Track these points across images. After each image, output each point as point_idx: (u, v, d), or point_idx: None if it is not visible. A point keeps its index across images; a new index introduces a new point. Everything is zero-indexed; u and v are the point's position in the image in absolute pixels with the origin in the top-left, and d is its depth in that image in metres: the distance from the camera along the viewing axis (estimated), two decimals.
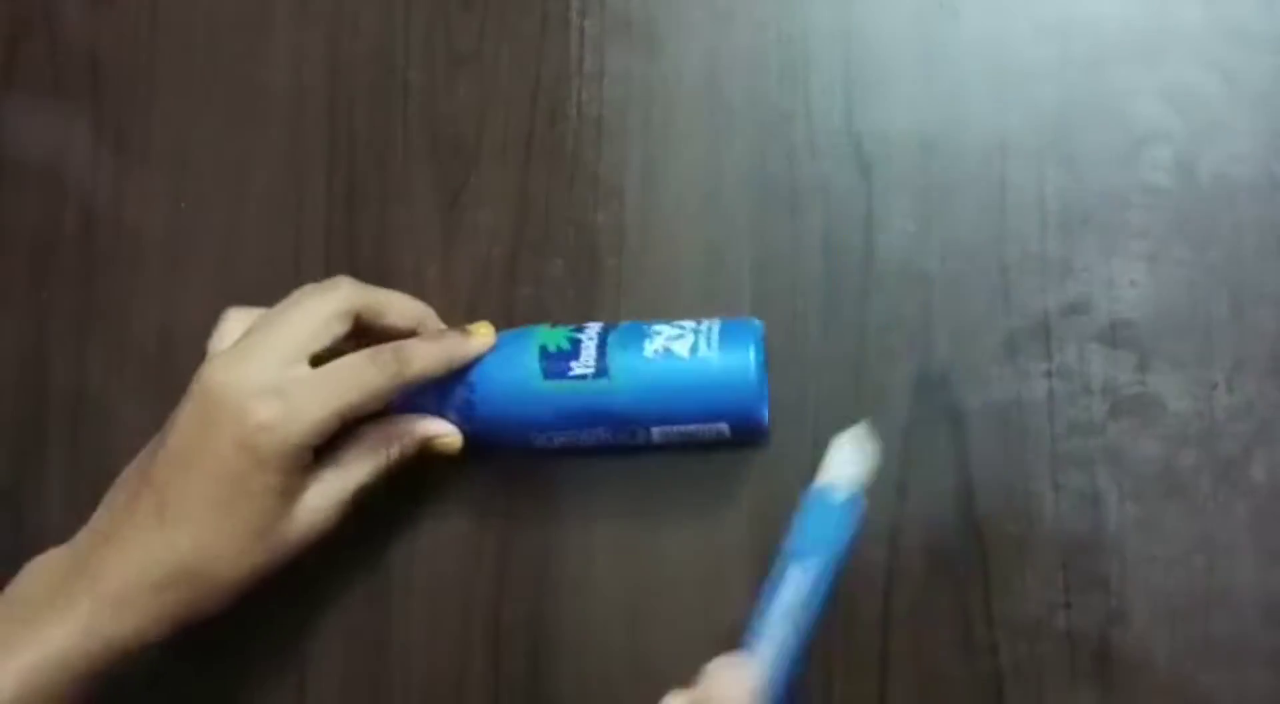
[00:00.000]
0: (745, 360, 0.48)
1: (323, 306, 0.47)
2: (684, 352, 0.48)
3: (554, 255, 0.55)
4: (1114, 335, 0.52)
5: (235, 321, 0.49)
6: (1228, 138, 0.52)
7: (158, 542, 0.45)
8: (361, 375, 0.46)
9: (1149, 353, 0.51)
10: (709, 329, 0.49)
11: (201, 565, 0.45)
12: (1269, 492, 0.50)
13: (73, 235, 0.58)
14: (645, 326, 0.50)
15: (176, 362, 0.49)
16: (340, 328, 0.48)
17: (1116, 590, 0.50)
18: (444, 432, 0.50)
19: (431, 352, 0.49)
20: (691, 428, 0.49)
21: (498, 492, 0.53)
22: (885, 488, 0.52)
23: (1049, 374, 0.52)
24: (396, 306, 0.50)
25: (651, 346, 0.49)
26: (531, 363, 0.49)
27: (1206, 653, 0.50)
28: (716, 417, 0.49)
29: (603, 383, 0.48)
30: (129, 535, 0.45)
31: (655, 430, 0.50)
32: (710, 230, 0.54)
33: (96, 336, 0.57)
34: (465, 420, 0.50)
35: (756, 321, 0.51)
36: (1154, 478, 0.51)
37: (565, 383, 0.48)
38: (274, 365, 0.45)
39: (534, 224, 0.56)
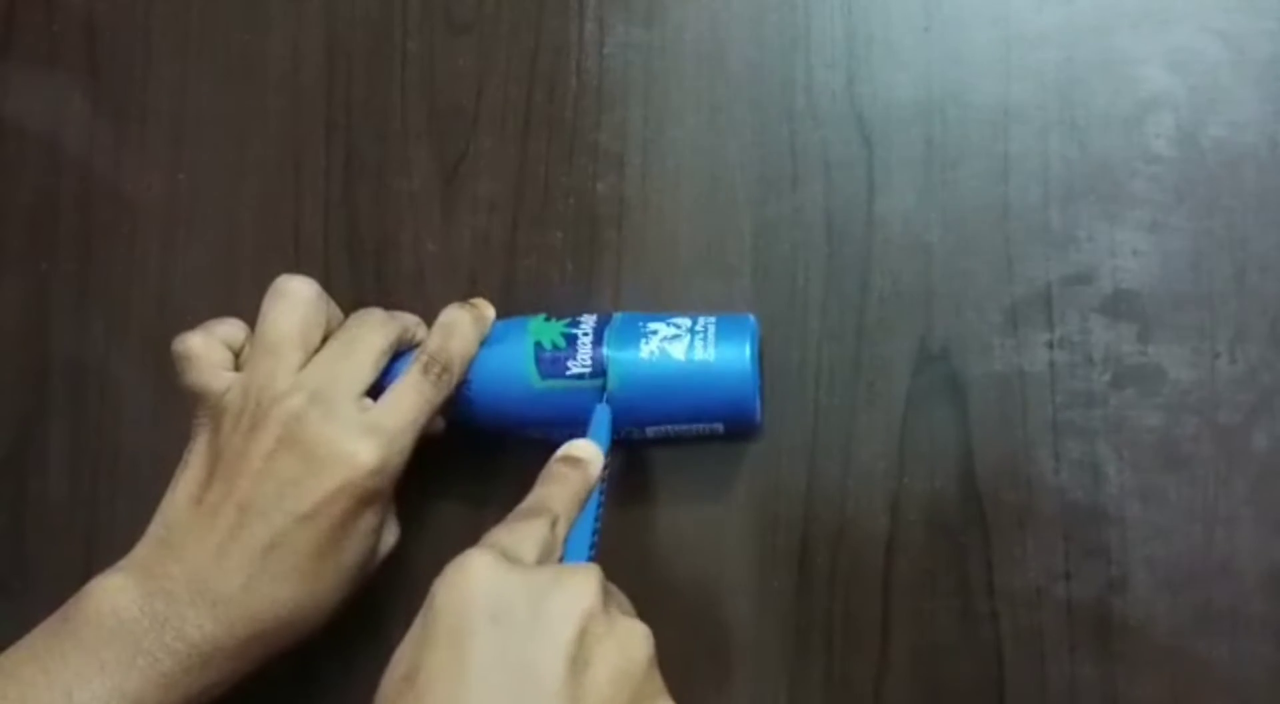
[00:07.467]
0: (742, 364, 0.48)
1: (373, 346, 0.48)
2: (680, 354, 0.48)
3: (554, 226, 0.55)
4: (1116, 305, 0.51)
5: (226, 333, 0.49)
6: (1231, 105, 0.52)
7: (256, 598, 0.44)
8: (425, 394, 0.48)
9: (1151, 322, 0.51)
10: (705, 329, 0.49)
11: (298, 617, 0.45)
12: (1270, 461, 0.50)
13: (71, 205, 0.58)
14: (641, 324, 0.50)
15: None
16: (384, 363, 0.49)
17: (1117, 560, 0.50)
18: None
19: (462, 344, 0.49)
20: (685, 427, 0.50)
21: (498, 481, 0.53)
22: (886, 458, 0.52)
23: (1050, 344, 0.52)
24: (421, 328, 0.51)
25: (648, 347, 0.49)
26: (527, 361, 0.49)
27: (1206, 622, 0.50)
28: (712, 418, 0.50)
29: (599, 382, 0.48)
30: (222, 590, 0.44)
31: (650, 430, 0.50)
32: (711, 201, 0.54)
33: (96, 306, 0.57)
34: (460, 414, 0.50)
35: (751, 318, 0.51)
36: (1155, 448, 0.51)
37: (561, 382, 0.49)
38: (355, 407, 0.47)
39: (533, 195, 0.55)
